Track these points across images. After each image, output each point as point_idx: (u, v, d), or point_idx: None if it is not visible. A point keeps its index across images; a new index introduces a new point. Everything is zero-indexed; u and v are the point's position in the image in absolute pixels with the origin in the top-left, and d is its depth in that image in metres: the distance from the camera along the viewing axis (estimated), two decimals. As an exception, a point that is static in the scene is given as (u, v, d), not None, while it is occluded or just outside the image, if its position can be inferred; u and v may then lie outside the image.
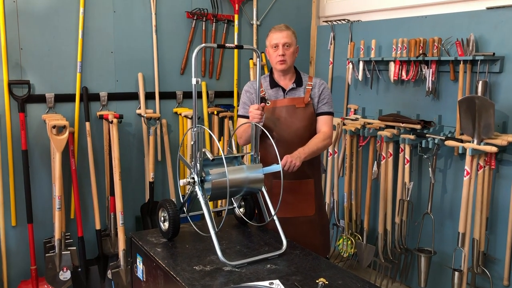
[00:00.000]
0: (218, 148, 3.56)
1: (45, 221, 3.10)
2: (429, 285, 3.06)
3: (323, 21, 4.03)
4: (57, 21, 3.04)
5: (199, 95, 3.56)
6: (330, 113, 2.49)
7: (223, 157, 1.97)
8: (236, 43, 3.66)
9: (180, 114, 3.45)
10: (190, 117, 3.38)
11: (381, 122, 3.22)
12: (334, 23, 3.83)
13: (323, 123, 2.46)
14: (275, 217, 2.14)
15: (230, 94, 3.75)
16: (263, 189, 2.20)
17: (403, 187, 3.11)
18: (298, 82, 2.47)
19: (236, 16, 3.63)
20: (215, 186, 2.02)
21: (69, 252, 2.99)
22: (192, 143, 2.04)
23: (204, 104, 3.58)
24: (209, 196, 2.05)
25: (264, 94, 2.46)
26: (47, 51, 3.02)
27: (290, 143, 2.35)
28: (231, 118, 3.63)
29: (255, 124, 2.22)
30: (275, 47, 2.41)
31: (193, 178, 2.05)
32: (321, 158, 2.83)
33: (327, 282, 1.71)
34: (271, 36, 2.43)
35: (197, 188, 2.04)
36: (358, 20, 3.67)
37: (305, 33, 4.05)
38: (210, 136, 3.55)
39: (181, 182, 2.08)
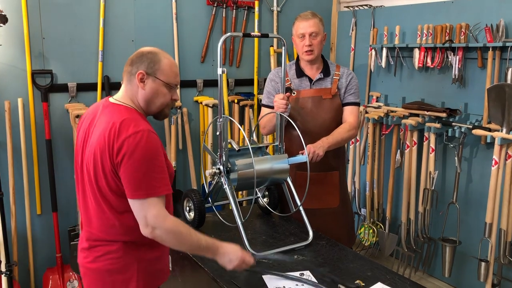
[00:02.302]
0: (242, 138, 3.55)
1: (69, 209, 3.13)
2: (453, 275, 3.03)
3: (344, 7, 3.96)
4: (78, 9, 3.03)
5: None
6: (356, 104, 2.44)
7: (249, 148, 1.96)
8: (256, 30, 3.62)
9: (201, 103, 3.44)
10: (211, 105, 3.36)
11: (405, 110, 3.16)
12: (356, 8, 3.75)
13: (348, 113, 2.42)
14: (301, 208, 2.13)
15: (250, 82, 3.72)
16: (288, 179, 2.18)
17: (427, 176, 3.06)
18: (326, 72, 2.42)
19: (256, 3, 3.58)
20: (241, 177, 2.01)
21: (93, 240, 3.02)
22: (218, 133, 2.02)
23: (224, 93, 3.56)
24: (235, 187, 2.05)
25: (290, 84, 2.42)
26: (69, 40, 3.02)
27: (316, 134, 2.31)
28: (252, 106, 3.60)
29: (280, 114, 2.20)
30: (301, 36, 2.35)
31: (219, 168, 2.04)
32: (346, 149, 2.80)
33: (363, 284, 1.69)
34: (297, 25, 2.36)
35: (223, 179, 2.03)
36: (381, 6, 3.59)
37: (326, 19, 3.96)
38: (231, 125, 3.53)
39: (207, 172, 2.07)
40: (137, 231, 1.53)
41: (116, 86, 3.18)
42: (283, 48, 2.16)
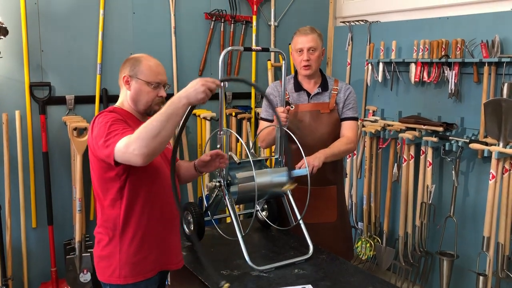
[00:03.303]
0: (239, 151, 3.55)
1: (65, 223, 3.10)
2: (451, 289, 3.03)
3: (340, 22, 4.01)
4: (77, 22, 3.04)
5: (217, 96, 3.54)
6: (355, 118, 2.46)
7: (250, 161, 1.96)
8: (254, 44, 3.64)
9: (199, 116, 3.45)
10: (208, 118, 3.37)
11: (401, 124, 3.19)
12: (352, 23, 3.80)
13: (347, 128, 2.43)
14: (301, 222, 2.12)
15: (247, 96, 3.73)
16: (288, 193, 2.18)
17: (424, 189, 3.08)
18: (324, 87, 2.43)
19: (254, 17, 3.62)
20: (241, 190, 2.01)
21: (89, 254, 2.99)
22: (218, 146, 2.03)
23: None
24: (235, 200, 2.05)
25: (288, 98, 2.43)
26: (67, 53, 3.03)
27: (314, 148, 2.31)
28: (249, 119, 3.61)
29: (281, 127, 2.20)
30: (299, 51, 2.37)
31: (219, 181, 2.04)
32: (344, 164, 2.81)
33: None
34: (296, 39, 2.38)
35: (223, 192, 2.03)
36: (377, 21, 3.64)
37: (322, 33, 4.02)
38: (227, 138, 3.53)
39: (207, 185, 2.07)
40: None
41: (114, 99, 3.12)
42: (283, 62, 2.18)
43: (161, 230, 1.79)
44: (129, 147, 1.50)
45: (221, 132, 2.01)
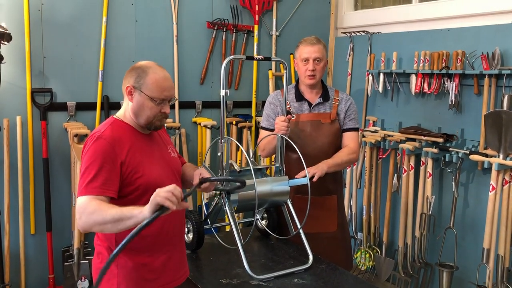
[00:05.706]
0: (240, 159, 3.55)
1: (63, 229, 3.09)
2: (450, 301, 3.02)
3: (341, 32, 4.03)
4: (80, 30, 3.06)
5: (218, 104, 3.55)
6: (356, 129, 2.46)
7: (251, 169, 1.96)
8: (255, 53, 3.66)
9: (199, 124, 3.45)
10: (209, 127, 3.37)
11: (402, 134, 3.19)
12: (353, 34, 3.82)
13: (349, 138, 2.43)
14: (301, 231, 2.12)
15: (248, 104, 3.74)
16: (288, 202, 2.18)
17: (423, 200, 3.07)
18: (325, 97, 2.44)
19: (256, 27, 3.64)
20: (242, 198, 2.01)
21: (87, 261, 2.97)
22: (219, 154, 2.03)
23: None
24: (235, 208, 2.04)
25: (289, 107, 2.43)
26: (69, 59, 3.04)
27: (315, 158, 2.31)
28: (250, 128, 3.62)
29: (281, 136, 2.20)
30: (305, 61, 2.37)
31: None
32: (343, 174, 2.81)
33: None
34: (302, 49, 2.38)
35: (223, 200, 2.03)
36: (378, 32, 3.66)
37: (323, 44, 4.05)
38: (228, 146, 3.54)
39: (207, 193, 2.07)
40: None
41: (115, 106, 3.18)
42: (285, 71, 2.19)
43: (163, 246, 1.71)
44: (78, 211, 1.53)
45: (222, 140, 2.01)
